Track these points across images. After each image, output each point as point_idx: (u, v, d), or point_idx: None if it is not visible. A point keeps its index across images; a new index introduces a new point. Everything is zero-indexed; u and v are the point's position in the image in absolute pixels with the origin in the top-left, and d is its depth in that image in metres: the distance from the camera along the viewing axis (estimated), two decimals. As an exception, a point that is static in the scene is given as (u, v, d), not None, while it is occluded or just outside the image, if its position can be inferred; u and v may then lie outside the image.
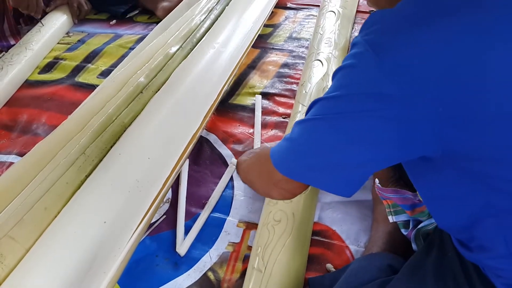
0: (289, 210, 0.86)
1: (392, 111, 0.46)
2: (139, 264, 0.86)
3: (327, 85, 1.21)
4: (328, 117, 0.51)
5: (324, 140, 0.52)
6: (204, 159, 1.10)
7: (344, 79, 0.51)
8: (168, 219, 0.94)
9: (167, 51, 1.23)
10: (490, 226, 0.51)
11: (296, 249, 0.81)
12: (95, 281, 0.74)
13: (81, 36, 1.74)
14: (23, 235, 0.77)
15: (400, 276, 0.67)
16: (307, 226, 0.87)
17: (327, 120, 0.51)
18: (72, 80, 1.45)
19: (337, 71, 0.52)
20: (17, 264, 0.74)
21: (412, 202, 0.79)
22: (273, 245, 0.80)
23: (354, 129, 0.49)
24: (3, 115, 1.31)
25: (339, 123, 0.50)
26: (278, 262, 0.78)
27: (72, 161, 0.89)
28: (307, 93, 1.17)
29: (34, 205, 0.80)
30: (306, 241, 0.86)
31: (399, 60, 0.45)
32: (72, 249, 0.78)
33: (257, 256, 0.79)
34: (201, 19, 1.42)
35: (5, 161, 1.13)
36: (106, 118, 0.99)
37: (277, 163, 0.58)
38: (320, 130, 0.52)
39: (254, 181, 0.69)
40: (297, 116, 1.10)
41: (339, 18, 1.56)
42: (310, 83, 1.21)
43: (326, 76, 1.24)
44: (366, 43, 0.47)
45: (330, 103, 0.51)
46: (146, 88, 1.10)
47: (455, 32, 0.44)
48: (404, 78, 0.44)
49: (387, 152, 0.50)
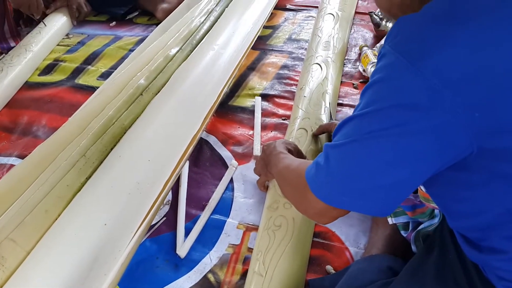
0: (290, 215, 0.86)
1: (429, 122, 0.43)
2: (139, 266, 0.86)
3: (326, 89, 1.21)
4: (362, 138, 0.48)
5: (363, 164, 0.49)
6: (204, 161, 1.10)
7: (376, 94, 0.48)
8: (168, 221, 0.95)
9: (167, 53, 1.23)
10: (510, 229, 0.50)
11: (297, 254, 0.82)
12: (95, 283, 0.74)
13: (81, 38, 1.74)
14: (24, 237, 0.77)
15: (400, 278, 0.67)
16: (307, 229, 0.88)
17: (362, 143, 0.48)
18: (72, 82, 1.45)
19: (366, 88, 0.49)
20: (18, 267, 0.75)
21: (413, 203, 0.79)
22: (274, 250, 0.81)
23: (392, 149, 0.46)
24: (3, 116, 1.32)
25: (375, 144, 0.47)
26: (278, 267, 0.78)
27: (72, 164, 0.89)
28: (306, 97, 1.17)
29: (35, 208, 0.81)
30: (306, 244, 0.86)
31: (435, 64, 0.42)
32: (73, 251, 0.78)
33: (258, 260, 0.79)
34: (201, 21, 1.43)
35: (5, 163, 1.13)
36: (106, 120, 0.99)
37: (316, 191, 0.54)
38: (356, 155, 0.49)
39: (291, 200, 0.67)
40: (296, 121, 1.10)
41: (338, 21, 1.57)
42: (309, 87, 1.21)
43: (326, 80, 1.24)
44: (396, 51, 0.45)
45: (363, 122, 0.48)
46: (146, 90, 1.10)
47: (495, 29, 0.41)
48: (442, 83, 0.41)
49: (427, 165, 0.47)
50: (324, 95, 1.19)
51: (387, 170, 0.48)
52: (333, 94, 1.22)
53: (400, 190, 0.50)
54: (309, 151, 1.00)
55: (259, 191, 1.00)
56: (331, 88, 1.24)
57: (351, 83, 1.36)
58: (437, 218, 0.76)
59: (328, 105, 1.15)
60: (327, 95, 1.19)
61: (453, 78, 0.41)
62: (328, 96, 1.19)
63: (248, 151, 1.12)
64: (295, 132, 1.06)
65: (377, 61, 0.49)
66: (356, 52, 1.50)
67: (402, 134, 0.45)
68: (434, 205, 0.70)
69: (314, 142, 1.03)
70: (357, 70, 1.41)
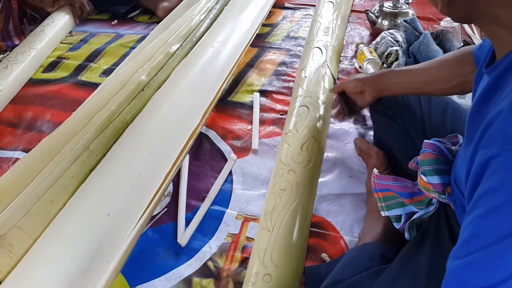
0: (293, 180, 0.92)
1: None
2: (141, 254, 0.89)
3: (325, 71, 1.26)
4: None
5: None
6: (204, 154, 1.13)
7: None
8: (169, 212, 0.98)
9: (168, 50, 1.26)
10: None
11: (300, 213, 0.87)
12: (99, 270, 0.77)
13: (83, 35, 1.77)
14: (30, 226, 0.81)
15: (393, 267, 0.68)
16: (310, 192, 0.94)
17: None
18: (75, 79, 1.48)
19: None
20: (25, 254, 0.78)
21: (411, 190, 0.79)
22: (279, 209, 0.86)
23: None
24: (8, 112, 1.35)
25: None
26: (284, 224, 0.83)
27: (76, 156, 0.92)
28: (307, 77, 1.22)
29: (40, 198, 0.84)
30: (309, 205, 0.92)
31: None
32: (77, 239, 0.81)
33: (265, 219, 0.85)
34: (201, 19, 1.46)
35: (11, 157, 1.16)
36: (109, 115, 1.02)
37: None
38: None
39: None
40: (298, 99, 1.14)
41: (337, 9, 1.62)
42: (310, 68, 1.26)
43: (325, 63, 1.29)
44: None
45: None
46: (147, 86, 1.13)
47: None
48: None
49: None
50: (324, 77, 1.23)
51: None
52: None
53: None
54: (311, 126, 1.04)
55: (257, 184, 1.03)
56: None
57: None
58: (433, 206, 0.75)
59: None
60: (326, 77, 1.24)
61: None
62: (327, 78, 1.24)
63: (247, 145, 1.15)
64: (297, 109, 1.10)
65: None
66: (353, 49, 1.53)
67: None
68: (434, 195, 0.70)
69: (315, 118, 1.08)
70: (354, 67, 1.44)
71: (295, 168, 0.95)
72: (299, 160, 0.96)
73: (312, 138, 1.01)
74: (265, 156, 1.11)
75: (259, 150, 1.13)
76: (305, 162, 0.96)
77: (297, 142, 1.00)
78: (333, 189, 1.00)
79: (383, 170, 0.95)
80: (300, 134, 1.02)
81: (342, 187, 1.01)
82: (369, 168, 1.01)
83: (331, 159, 1.08)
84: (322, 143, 1.05)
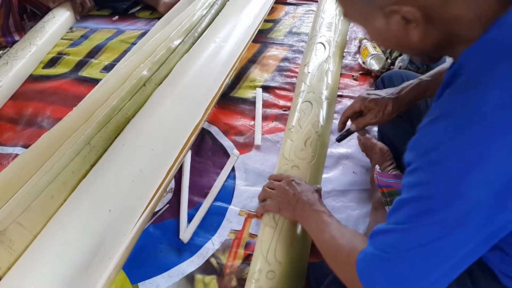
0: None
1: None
2: (143, 250, 0.88)
3: (329, 67, 1.23)
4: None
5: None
6: (206, 150, 1.12)
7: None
8: (171, 208, 0.97)
9: (169, 45, 1.25)
10: None
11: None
12: (100, 266, 0.76)
13: (84, 31, 1.76)
14: (31, 221, 0.79)
15: None
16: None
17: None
18: (76, 75, 1.47)
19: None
20: (25, 249, 0.76)
21: None
22: None
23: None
24: (9, 108, 1.34)
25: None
26: (287, 220, 0.81)
27: (77, 151, 0.91)
28: (310, 73, 1.20)
29: (41, 193, 0.83)
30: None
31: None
32: (78, 235, 0.80)
33: (269, 215, 0.83)
34: (203, 14, 1.44)
35: (11, 153, 1.15)
36: (110, 110, 1.01)
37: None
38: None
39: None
40: (302, 95, 1.12)
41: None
42: (313, 63, 1.24)
43: (329, 59, 1.27)
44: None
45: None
46: (149, 81, 1.12)
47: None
48: None
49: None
50: (327, 72, 1.21)
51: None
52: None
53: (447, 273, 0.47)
54: (314, 122, 1.02)
55: (260, 180, 1.01)
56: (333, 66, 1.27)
57: (351, 75, 1.37)
58: None
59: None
60: (329, 72, 1.22)
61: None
62: (331, 73, 1.22)
63: (250, 141, 1.14)
64: (300, 105, 1.08)
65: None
66: (356, 45, 1.52)
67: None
68: None
69: (319, 114, 1.06)
70: (357, 62, 1.42)
71: (299, 164, 0.93)
72: (302, 156, 0.95)
73: (316, 133, 1.00)
74: (268, 152, 1.10)
75: (262, 146, 1.12)
76: (309, 158, 0.95)
77: (301, 137, 0.99)
78: (338, 185, 0.99)
79: (388, 166, 0.94)
80: (303, 130, 1.01)
81: (346, 183, 1.00)
82: (373, 164, 1.00)
83: (335, 155, 1.07)
84: (325, 138, 1.03)
